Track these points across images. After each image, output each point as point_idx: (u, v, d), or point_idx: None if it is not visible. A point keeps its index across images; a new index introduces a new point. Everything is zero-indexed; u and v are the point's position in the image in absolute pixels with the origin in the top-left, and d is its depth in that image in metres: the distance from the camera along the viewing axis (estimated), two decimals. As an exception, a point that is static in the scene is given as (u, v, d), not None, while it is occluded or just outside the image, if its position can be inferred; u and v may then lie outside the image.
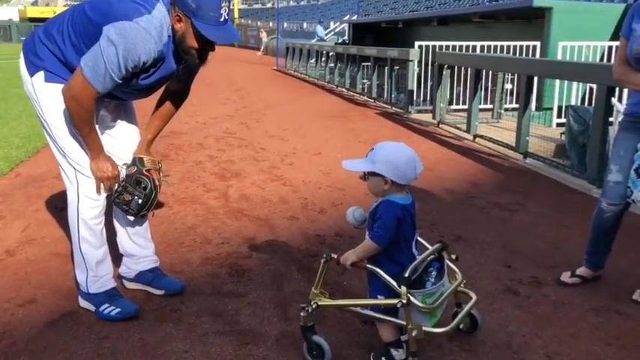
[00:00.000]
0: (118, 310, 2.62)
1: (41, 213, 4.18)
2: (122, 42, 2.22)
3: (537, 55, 8.64)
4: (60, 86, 2.39)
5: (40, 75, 2.45)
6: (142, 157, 2.71)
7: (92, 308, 2.66)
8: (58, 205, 4.21)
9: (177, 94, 2.79)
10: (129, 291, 2.87)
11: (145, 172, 2.66)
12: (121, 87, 2.40)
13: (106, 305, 2.62)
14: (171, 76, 2.57)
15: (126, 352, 2.37)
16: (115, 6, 2.32)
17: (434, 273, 2.26)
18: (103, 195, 2.58)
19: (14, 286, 2.97)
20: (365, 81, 11.79)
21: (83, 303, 2.70)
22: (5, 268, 3.19)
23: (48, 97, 2.45)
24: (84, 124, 2.38)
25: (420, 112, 9.36)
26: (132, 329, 2.54)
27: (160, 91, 2.73)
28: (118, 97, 2.60)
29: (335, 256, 2.25)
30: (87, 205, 2.54)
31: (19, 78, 2.54)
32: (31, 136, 6.97)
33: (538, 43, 8.68)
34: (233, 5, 2.32)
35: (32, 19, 61.90)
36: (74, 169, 2.51)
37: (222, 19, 2.32)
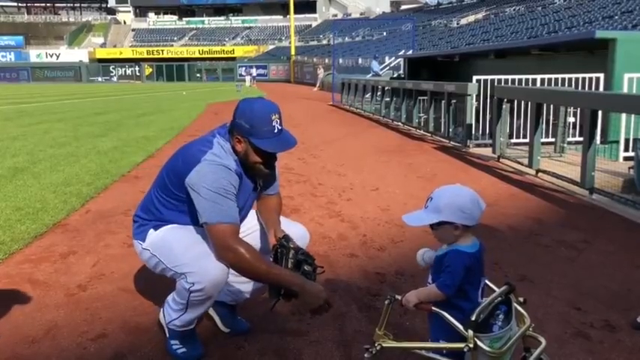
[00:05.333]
0: (184, 350, 2.67)
1: (110, 249, 4.34)
2: (205, 180, 2.41)
3: (601, 87, 8.41)
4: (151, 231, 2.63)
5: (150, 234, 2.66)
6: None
7: (166, 333, 2.70)
8: (125, 241, 4.36)
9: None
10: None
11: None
12: None
13: (176, 342, 2.68)
14: (255, 192, 2.71)
15: (192, 390, 2.41)
16: (182, 159, 2.56)
17: (501, 316, 2.21)
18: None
19: (86, 320, 3.08)
20: (421, 115, 11.78)
21: (162, 320, 2.72)
22: (78, 302, 3.33)
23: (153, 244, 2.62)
24: (256, 265, 2.41)
25: (478, 146, 9.25)
26: (197, 366, 2.59)
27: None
28: None
29: (399, 297, 2.23)
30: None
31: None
32: (99, 173, 7.30)
33: (602, 75, 8.46)
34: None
35: (101, 60, 65.48)
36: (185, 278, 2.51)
37: (276, 131, 2.46)
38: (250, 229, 2.82)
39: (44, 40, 72.23)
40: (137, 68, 63.03)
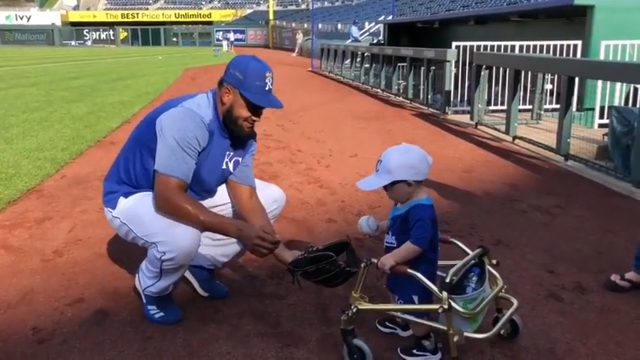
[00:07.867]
0: (162, 314, 2.67)
1: (86, 214, 4.30)
2: (173, 126, 2.41)
3: (579, 55, 8.45)
4: (122, 198, 2.59)
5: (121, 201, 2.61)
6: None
7: (143, 299, 2.70)
8: (102, 206, 4.29)
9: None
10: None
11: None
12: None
13: (154, 307, 2.68)
14: (223, 168, 2.64)
15: (171, 353, 2.42)
16: (161, 107, 2.56)
17: (474, 278, 2.26)
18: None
19: (63, 285, 3.07)
20: (401, 82, 11.74)
21: (138, 286, 2.70)
22: (54, 267, 3.30)
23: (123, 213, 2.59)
24: (196, 217, 2.41)
25: (456, 112, 9.29)
26: (176, 330, 2.60)
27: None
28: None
29: (375, 260, 2.27)
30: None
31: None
32: (74, 138, 7.18)
33: (579, 42, 8.49)
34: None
35: (74, 24, 63.67)
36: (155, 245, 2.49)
37: (267, 88, 2.49)
38: (222, 201, 2.80)
39: (13, 2, 69.82)
40: (112, 32, 61.50)
